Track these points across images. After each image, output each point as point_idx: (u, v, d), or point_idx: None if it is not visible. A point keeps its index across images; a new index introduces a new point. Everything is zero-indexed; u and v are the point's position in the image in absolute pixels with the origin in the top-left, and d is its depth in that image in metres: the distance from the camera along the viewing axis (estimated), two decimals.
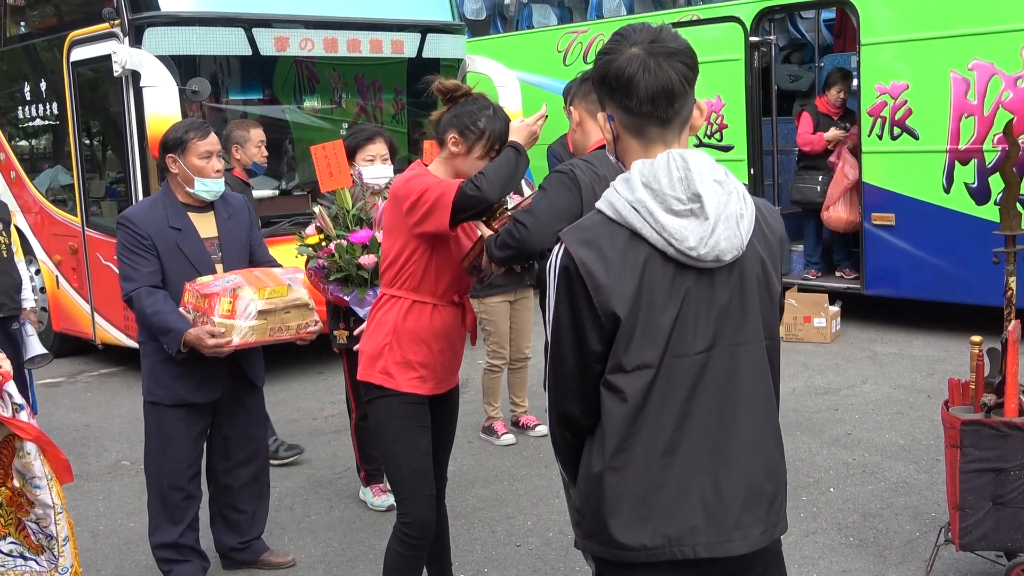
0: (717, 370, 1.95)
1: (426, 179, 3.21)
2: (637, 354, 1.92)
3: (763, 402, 2.02)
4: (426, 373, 3.34)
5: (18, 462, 2.87)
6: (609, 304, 1.90)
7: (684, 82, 1.94)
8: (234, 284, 3.80)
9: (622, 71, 1.94)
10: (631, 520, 1.94)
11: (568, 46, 10.33)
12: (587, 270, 1.90)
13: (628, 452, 1.94)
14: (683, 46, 1.96)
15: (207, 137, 3.99)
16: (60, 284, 8.45)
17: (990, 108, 7.37)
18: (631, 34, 1.97)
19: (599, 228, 1.95)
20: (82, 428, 6.71)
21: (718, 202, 1.91)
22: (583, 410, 2.00)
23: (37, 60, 8.77)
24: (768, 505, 2.01)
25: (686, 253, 1.90)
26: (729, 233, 1.91)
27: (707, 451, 1.95)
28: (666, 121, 1.97)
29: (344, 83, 8.46)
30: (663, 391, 1.93)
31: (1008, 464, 3.60)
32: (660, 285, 1.91)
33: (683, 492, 1.94)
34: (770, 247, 2.02)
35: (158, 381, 3.99)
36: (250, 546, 4.32)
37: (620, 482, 1.94)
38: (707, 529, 1.94)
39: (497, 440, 5.90)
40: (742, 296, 1.97)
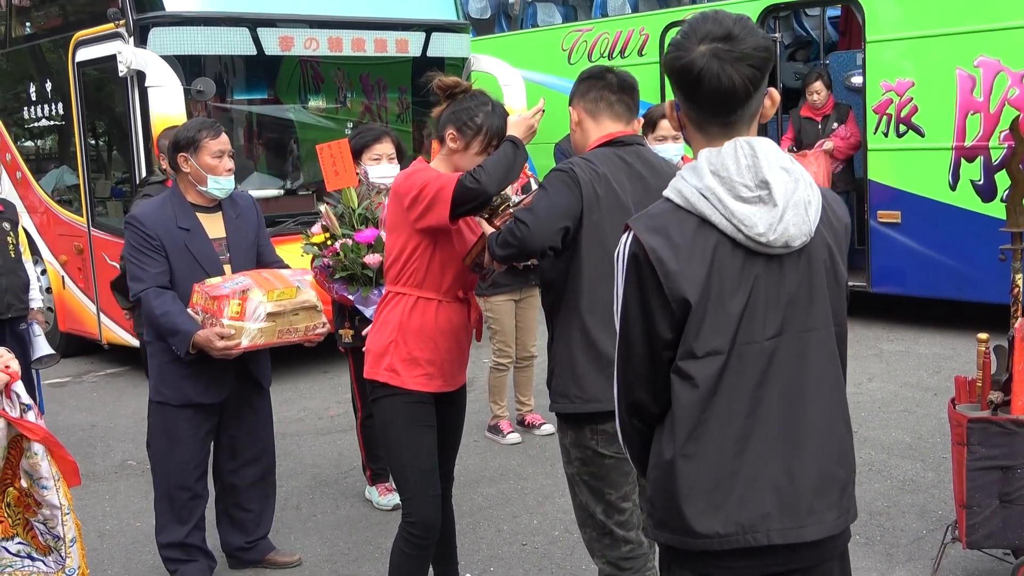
0: (787, 356, 1.96)
1: (426, 174, 3.22)
2: (708, 340, 1.92)
3: (833, 388, 2.02)
4: (433, 370, 3.34)
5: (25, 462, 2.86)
6: (680, 290, 1.90)
7: (749, 85, 1.93)
8: (243, 286, 3.80)
9: (687, 71, 1.94)
10: (704, 507, 1.93)
11: (573, 45, 10.32)
12: (657, 256, 1.91)
13: (700, 439, 1.94)
14: (754, 47, 1.92)
15: (219, 136, 4.00)
16: (66, 284, 8.47)
17: (996, 105, 7.35)
18: (703, 27, 1.94)
19: (667, 215, 1.95)
20: (88, 428, 6.72)
21: (786, 188, 1.92)
22: (653, 397, 2.00)
23: (42, 60, 8.79)
24: (840, 491, 2.01)
25: (755, 239, 1.90)
26: (798, 219, 1.92)
27: (778, 437, 1.95)
28: (728, 123, 1.97)
29: (349, 82, 8.47)
30: (734, 378, 1.93)
31: (1015, 462, 3.59)
32: (730, 271, 1.92)
33: (755, 479, 1.94)
34: (836, 234, 2.03)
35: (166, 381, 4.00)
36: (256, 545, 4.33)
37: (692, 469, 1.94)
38: (780, 515, 1.94)
39: (503, 439, 5.90)
40: (811, 282, 1.97)
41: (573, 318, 3.02)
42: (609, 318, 3.00)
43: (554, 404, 3.11)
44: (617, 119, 3.12)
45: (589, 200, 2.95)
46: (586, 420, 3.04)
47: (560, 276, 3.03)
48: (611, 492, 3.06)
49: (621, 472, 3.06)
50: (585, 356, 3.01)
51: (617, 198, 2.98)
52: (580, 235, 2.96)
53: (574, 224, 2.94)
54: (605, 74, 3.14)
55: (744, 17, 1.96)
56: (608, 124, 3.11)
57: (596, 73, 3.16)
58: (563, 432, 3.15)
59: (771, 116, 2.06)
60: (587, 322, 2.99)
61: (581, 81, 3.18)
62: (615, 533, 3.08)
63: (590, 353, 3.01)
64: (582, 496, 3.12)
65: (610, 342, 3.01)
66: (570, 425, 3.10)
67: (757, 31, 1.95)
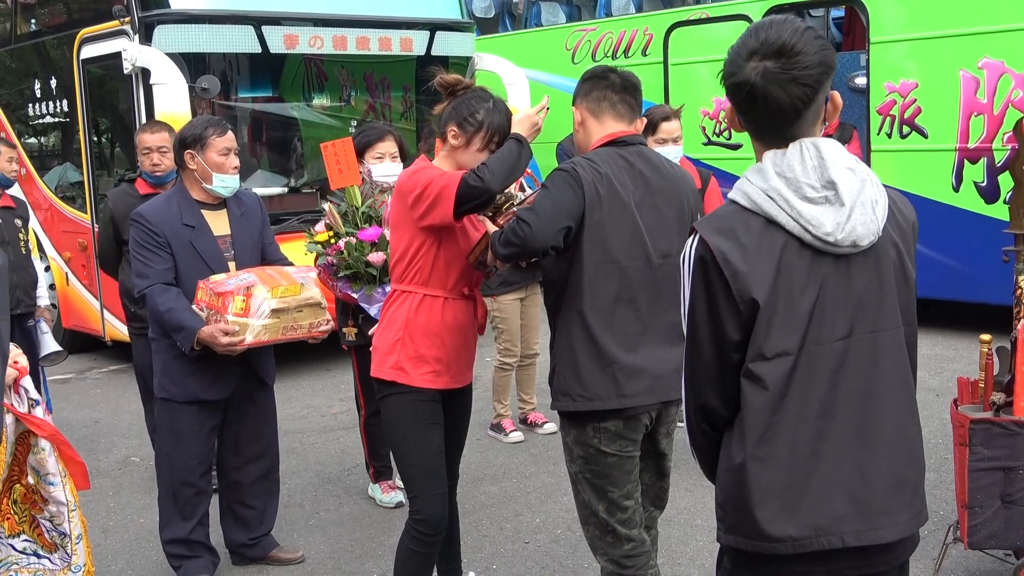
0: (857, 357, 1.95)
1: (429, 172, 3.23)
2: (777, 341, 1.91)
3: (903, 388, 2.01)
4: (440, 368, 3.35)
5: (32, 458, 2.87)
6: (748, 290, 1.90)
7: (800, 104, 1.91)
8: (248, 283, 3.82)
9: (738, 89, 1.94)
10: (777, 511, 1.92)
11: (577, 44, 10.33)
12: (724, 258, 1.90)
13: (771, 442, 1.93)
14: (806, 65, 1.89)
15: (226, 134, 4.02)
16: (69, 281, 8.49)
17: (1000, 107, 7.36)
18: (756, 41, 1.92)
19: (733, 217, 1.95)
20: (92, 424, 6.74)
21: (852, 188, 1.91)
22: (722, 401, 1.99)
23: (47, 58, 8.80)
24: (913, 492, 2.00)
25: (823, 239, 1.90)
26: (865, 219, 1.91)
27: (850, 439, 1.94)
28: (783, 136, 1.96)
29: (353, 81, 8.48)
30: (804, 379, 1.92)
31: (1017, 463, 3.60)
32: (798, 271, 1.91)
33: (828, 481, 1.93)
34: (904, 233, 2.02)
35: (171, 377, 4.01)
36: (260, 542, 4.34)
37: (764, 472, 1.93)
38: (853, 517, 1.93)
39: (505, 438, 5.91)
40: (880, 282, 1.97)
41: (575, 316, 3.03)
42: (610, 317, 3.03)
43: (556, 402, 3.13)
44: (620, 119, 3.13)
45: (591, 199, 2.96)
46: (588, 418, 3.05)
47: (562, 275, 3.04)
48: (613, 490, 3.07)
49: (623, 470, 3.07)
50: (587, 354, 3.02)
51: (619, 197, 2.99)
52: (582, 234, 2.97)
53: (576, 223, 2.95)
54: (608, 74, 3.15)
55: (803, 28, 1.93)
56: (611, 124, 3.12)
57: (599, 73, 3.17)
58: (565, 430, 3.16)
59: (834, 118, 2.03)
60: (589, 320, 3.01)
61: (584, 81, 3.19)
62: (617, 531, 3.09)
63: (592, 351, 3.02)
64: (584, 494, 3.13)
65: (611, 340, 3.03)
66: (572, 423, 3.11)
67: (813, 44, 1.91)
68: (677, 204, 3.12)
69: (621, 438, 3.06)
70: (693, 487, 4.95)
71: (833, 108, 2.00)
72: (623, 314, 3.02)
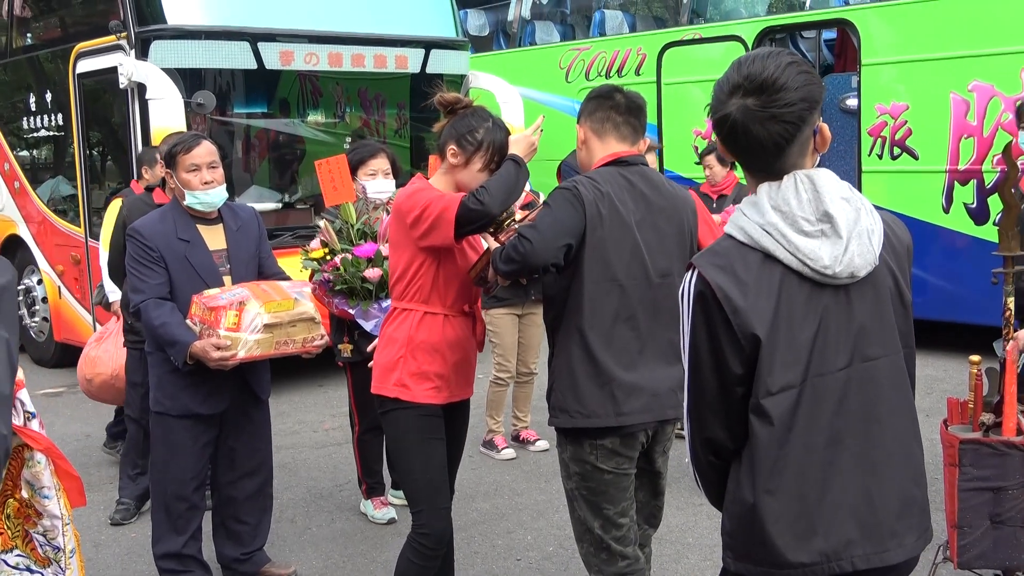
0: (860, 384, 1.97)
1: (428, 193, 3.24)
2: (781, 375, 1.92)
3: (905, 411, 2.04)
4: (441, 383, 3.36)
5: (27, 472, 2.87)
6: (749, 326, 1.91)
7: (782, 141, 1.92)
8: (240, 297, 3.82)
9: (721, 124, 1.96)
10: (789, 539, 1.95)
11: (571, 63, 10.39)
12: (724, 294, 1.91)
13: (781, 474, 1.95)
14: (786, 103, 1.89)
15: (191, 151, 4.00)
16: (62, 294, 8.48)
17: (989, 129, 7.43)
18: (739, 76, 1.93)
19: (731, 252, 1.96)
20: (83, 438, 6.72)
21: (848, 219, 1.93)
22: (728, 434, 2.00)
23: (43, 71, 8.82)
24: (920, 512, 2.03)
25: (821, 272, 1.91)
26: (862, 249, 1.93)
27: (857, 465, 1.97)
28: (765, 171, 1.98)
29: (347, 97, 8.52)
30: (810, 410, 1.94)
31: (1006, 483, 3.61)
32: (797, 305, 1.93)
33: (837, 507, 1.95)
34: (899, 257, 2.04)
35: (165, 392, 4.01)
36: (252, 557, 4.33)
37: (775, 504, 1.95)
38: (862, 541, 1.96)
39: (497, 454, 5.92)
40: (879, 309, 1.99)
41: (574, 334, 3.05)
42: (609, 335, 3.05)
43: (553, 418, 3.14)
44: (622, 140, 3.15)
45: (592, 218, 2.98)
46: (585, 435, 3.07)
47: (562, 292, 3.06)
48: (609, 507, 3.09)
49: (619, 487, 3.09)
50: (585, 372, 3.04)
51: (620, 216, 3.02)
52: (582, 252, 2.99)
53: (576, 241, 2.98)
54: (614, 94, 3.16)
55: (787, 63, 1.92)
56: (613, 144, 3.15)
57: (605, 93, 3.18)
58: (562, 447, 3.17)
59: (825, 150, 2.03)
60: (588, 338, 3.03)
61: (589, 100, 3.20)
62: (612, 548, 3.10)
63: (590, 369, 3.04)
64: (580, 511, 3.14)
65: (610, 358, 3.05)
66: (569, 440, 3.13)
67: (796, 80, 1.90)
68: (677, 224, 3.15)
69: (617, 455, 3.08)
70: (685, 505, 4.97)
71: (822, 140, 2.00)
72: (622, 332, 3.05)
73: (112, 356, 5.54)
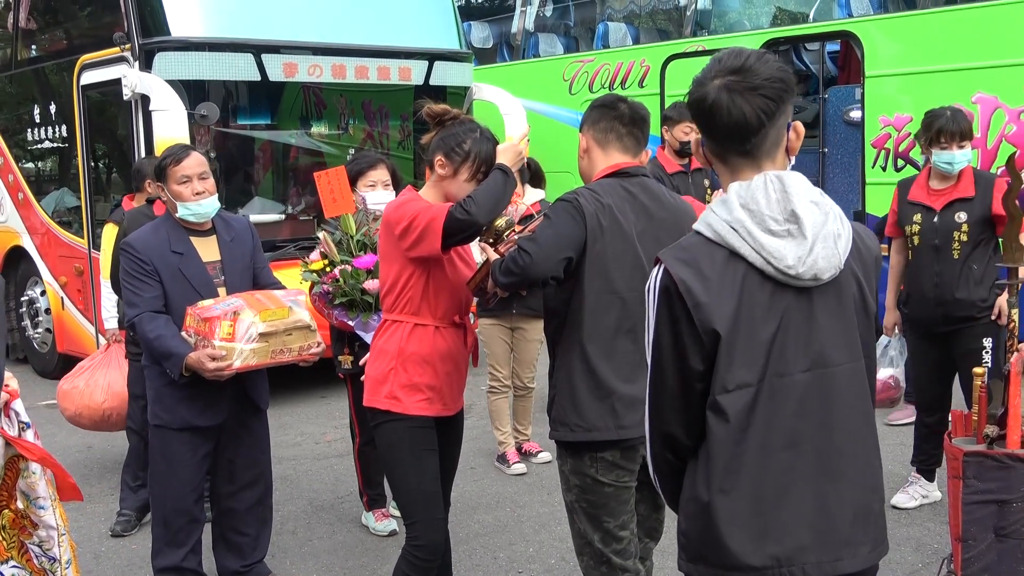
0: (820, 389, 1.97)
1: (416, 204, 3.25)
2: (738, 373, 1.93)
3: (865, 420, 2.03)
4: (432, 395, 3.35)
5: (23, 482, 2.87)
6: (710, 322, 1.92)
7: (762, 116, 1.95)
8: (234, 307, 3.81)
9: (702, 104, 1.98)
10: (741, 541, 1.94)
11: (574, 75, 10.40)
12: (686, 288, 1.93)
13: (736, 474, 1.95)
14: (766, 77, 1.95)
15: (181, 163, 3.98)
16: (65, 305, 8.48)
17: (993, 141, 7.41)
18: (720, 63, 1.99)
19: (697, 248, 1.98)
20: (84, 450, 6.71)
21: (815, 222, 1.94)
22: (686, 430, 2.01)
23: (47, 83, 8.84)
24: (875, 523, 2.03)
25: (784, 272, 1.92)
26: (827, 252, 1.94)
27: (814, 471, 1.96)
28: (746, 153, 2.00)
29: (351, 109, 8.52)
30: (767, 411, 1.94)
31: (1011, 496, 3.59)
32: (759, 303, 1.94)
33: (792, 512, 1.95)
34: (866, 266, 2.04)
35: (163, 405, 4.00)
36: (252, 569, 4.31)
37: (729, 504, 1.95)
38: (815, 548, 1.95)
39: (508, 469, 5.89)
40: (842, 315, 1.99)
41: (574, 347, 3.03)
42: (609, 347, 3.03)
43: (554, 432, 3.13)
44: (625, 151, 3.14)
45: (593, 230, 2.97)
46: (585, 448, 3.05)
47: (562, 305, 3.05)
48: (609, 520, 3.07)
49: (620, 500, 3.07)
50: (585, 385, 3.03)
51: (621, 229, 3.00)
52: (583, 265, 2.98)
53: (577, 254, 2.96)
54: (618, 104, 3.15)
55: (762, 54, 1.99)
56: (616, 155, 3.13)
57: (609, 102, 3.17)
58: (562, 460, 3.16)
59: (798, 150, 2.06)
60: (588, 351, 3.01)
61: (593, 109, 3.18)
62: (612, 561, 3.08)
63: (590, 382, 3.02)
64: (580, 524, 3.12)
65: (610, 371, 3.03)
66: (569, 453, 3.11)
67: (772, 65, 1.97)
68: (678, 235, 3.10)
69: (618, 468, 3.06)
70: None
71: (796, 137, 2.02)
72: (622, 345, 3.03)
73: (80, 393, 5.60)
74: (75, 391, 5.62)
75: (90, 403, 5.58)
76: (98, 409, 5.57)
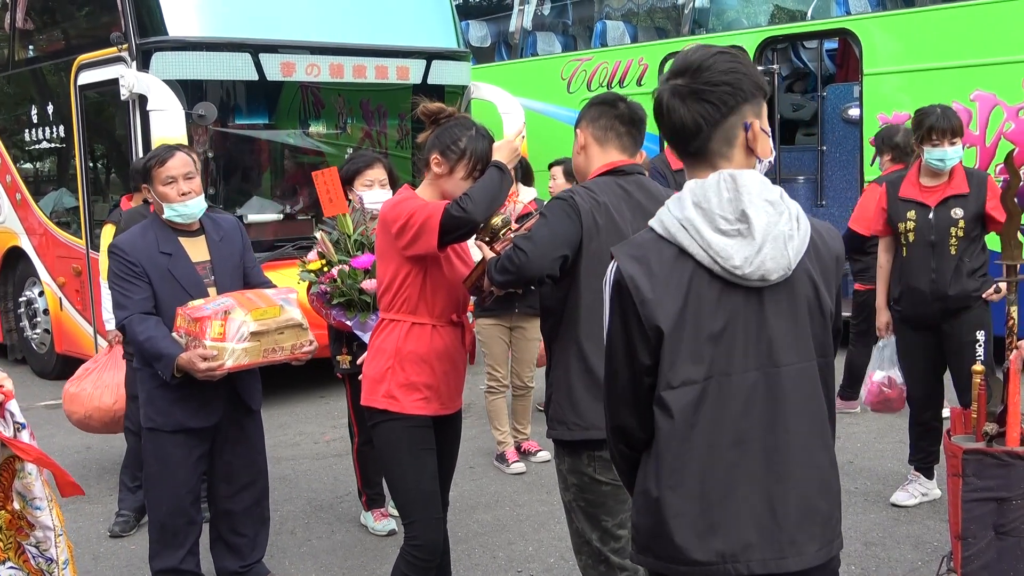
0: (768, 389, 1.97)
1: (412, 203, 3.24)
2: (683, 370, 1.94)
3: (815, 421, 2.03)
4: (430, 394, 3.35)
5: (19, 483, 2.85)
6: (653, 318, 1.94)
7: (701, 121, 1.96)
8: (225, 307, 3.78)
9: (654, 106, 2.03)
10: (687, 536, 1.96)
11: (572, 74, 10.39)
12: (634, 284, 1.95)
13: (683, 470, 1.96)
14: (707, 81, 1.96)
15: (165, 163, 3.96)
16: (63, 306, 8.47)
17: (992, 138, 7.41)
18: (675, 64, 2.01)
19: (649, 244, 2.00)
20: (83, 450, 6.70)
21: (768, 222, 1.94)
22: (638, 423, 2.03)
23: (44, 83, 8.84)
24: (823, 523, 2.02)
25: (731, 271, 1.93)
26: (776, 253, 1.93)
27: (761, 469, 1.97)
28: (692, 154, 2.02)
29: (349, 108, 8.51)
30: (714, 409, 1.95)
31: (1010, 493, 3.58)
32: (707, 302, 1.94)
33: (738, 509, 1.96)
34: (824, 266, 2.04)
35: (156, 407, 3.97)
36: (251, 569, 4.30)
37: (675, 498, 1.96)
38: (761, 546, 1.96)
39: (507, 468, 5.88)
40: (793, 315, 1.99)
41: (571, 345, 3.03)
42: None
43: (551, 431, 3.12)
44: (623, 151, 3.13)
45: (589, 229, 2.96)
46: (583, 447, 3.04)
47: (559, 303, 3.04)
48: (607, 519, 3.06)
49: (618, 499, 3.06)
50: (582, 383, 3.02)
51: (617, 227, 2.99)
52: (579, 263, 2.97)
53: (572, 252, 2.96)
54: (617, 103, 3.13)
55: (717, 52, 1.99)
56: (614, 154, 3.11)
57: (608, 100, 3.15)
58: (560, 459, 3.15)
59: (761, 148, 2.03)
60: (585, 349, 3.00)
61: (592, 106, 3.17)
62: (611, 560, 3.07)
63: (587, 380, 3.01)
64: (578, 523, 3.11)
65: None
66: (567, 452, 3.10)
67: (723, 66, 1.97)
68: None
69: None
70: None
71: (754, 138, 2.01)
72: None
73: (88, 395, 5.55)
74: (83, 394, 5.57)
75: (100, 405, 5.54)
76: (109, 411, 5.52)
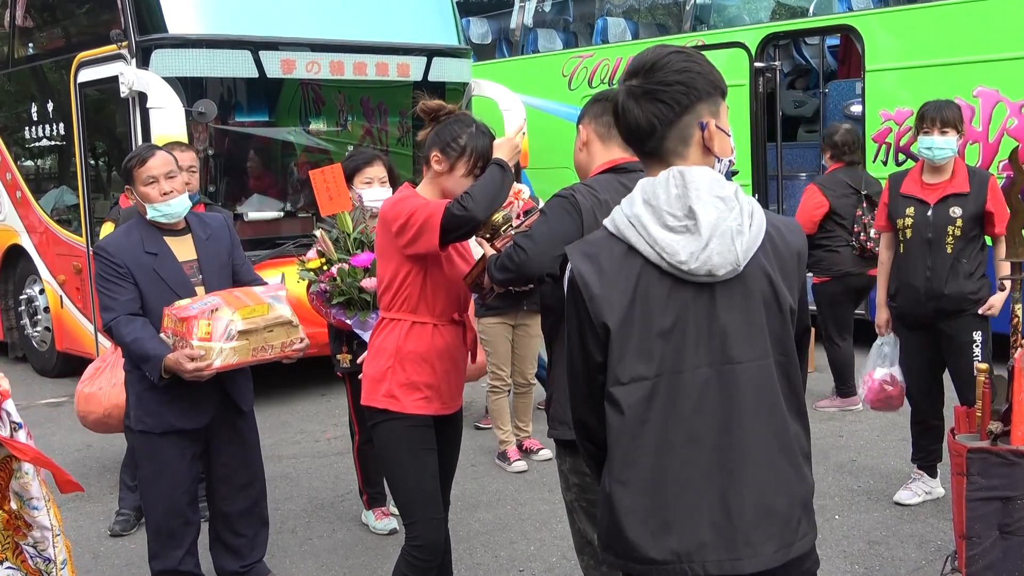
0: (722, 386, 1.96)
1: (413, 201, 3.22)
2: (632, 366, 1.95)
3: (772, 419, 2.00)
4: (431, 393, 3.33)
5: (15, 483, 2.83)
6: (601, 314, 1.95)
7: (655, 121, 1.99)
8: (212, 306, 3.74)
9: (613, 106, 2.06)
10: (640, 534, 1.95)
11: (573, 70, 10.36)
12: (583, 281, 1.97)
13: (634, 466, 1.96)
14: (660, 82, 1.98)
15: (145, 163, 3.91)
16: (64, 304, 8.46)
17: (995, 135, 7.38)
18: (632, 64, 2.04)
19: (601, 242, 2.02)
20: (84, 448, 6.69)
21: (717, 218, 1.93)
22: (596, 419, 2.04)
23: (44, 81, 8.82)
24: (782, 524, 1.99)
25: (677, 267, 1.93)
26: (723, 248, 1.92)
27: (714, 468, 1.95)
28: (649, 154, 2.04)
29: (350, 106, 8.49)
30: (665, 405, 1.94)
31: (1015, 492, 3.57)
32: (656, 298, 1.94)
33: (691, 508, 1.94)
34: (782, 262, 2.02)
35: (146, 409, 3.92)
36: (251, 569, 4.27)
37: (627, 495, 1.96)
38: (716, 546, 1.94)
39: (509, 467, 5.86)
40: (746, 312, 1.97)
41: None
42: None
43: (552, 430, 3.10)
44: (626, 148, 3.09)
45: (589, 227, 2.93)
46: None
47: (559, 302, 3.00)
48: None
49: None
50: None
51: None
52: None
53: None
54: None
55: (672, 51, 2.00)
56: (616, 151, 3.09)
57: (612, 97, 3.13)
58: (561, 458, 3.13)
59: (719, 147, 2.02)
60: None
61: (596, 102, 3.14)
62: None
63: None
64: (580, 523, 3.09)
65: None
66: (568, 451, 3.08)
67: (677, 66, 1.98)
68: None
69: None
70: None
71: (710, 137, 2.00)
72: None
73: (106, 394, 5.46)
74: (100, 393, 5.49)
75: (119, 403, 5.46)
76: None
